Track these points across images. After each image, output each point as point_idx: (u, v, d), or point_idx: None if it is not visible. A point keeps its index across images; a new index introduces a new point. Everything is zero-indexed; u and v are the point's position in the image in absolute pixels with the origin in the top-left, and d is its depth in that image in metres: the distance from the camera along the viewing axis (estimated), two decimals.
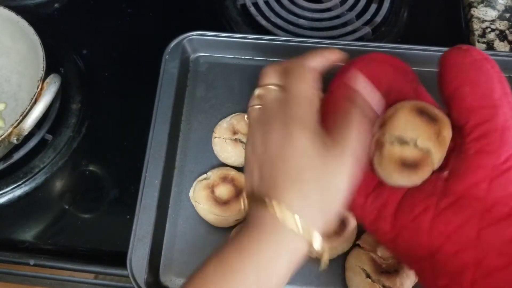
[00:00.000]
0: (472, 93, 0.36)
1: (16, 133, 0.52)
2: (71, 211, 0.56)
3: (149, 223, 0.48)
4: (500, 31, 0.66)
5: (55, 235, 0.54)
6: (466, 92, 0.36)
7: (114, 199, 0.56)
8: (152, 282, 0.47)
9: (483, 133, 0.35)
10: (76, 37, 0.67)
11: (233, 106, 0.57)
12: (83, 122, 0.61)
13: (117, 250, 0.52)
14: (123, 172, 0.58)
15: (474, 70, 0.37)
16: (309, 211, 0.33)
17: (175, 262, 0.49)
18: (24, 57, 0.59)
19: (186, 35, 0.58)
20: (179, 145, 0.55)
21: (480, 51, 0.38)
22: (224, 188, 0.50)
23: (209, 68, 0.59)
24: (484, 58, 0.38)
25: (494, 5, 0.68)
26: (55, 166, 0.58)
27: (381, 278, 0.45)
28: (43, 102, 0.53)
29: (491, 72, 0.37)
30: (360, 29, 0.66)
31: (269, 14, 0.67)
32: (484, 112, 0.35)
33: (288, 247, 0.33)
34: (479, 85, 0.36)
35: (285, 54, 0.59)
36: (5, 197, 0.56)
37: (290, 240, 0.32)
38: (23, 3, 0.69)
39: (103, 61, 0.66)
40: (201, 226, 0.51)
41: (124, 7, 0.70)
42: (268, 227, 0.33)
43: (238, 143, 0.53)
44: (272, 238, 0.32)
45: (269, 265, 0.32)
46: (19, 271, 0.53)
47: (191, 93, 0.58)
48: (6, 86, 0.62)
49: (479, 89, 0.36)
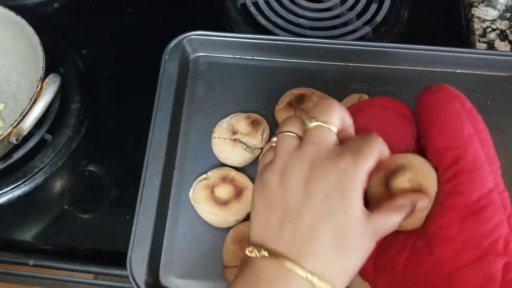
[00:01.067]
0: (441, 134, 0.36)
1: (16, 133, 0.51)
2: (71, 211, 0.55)
3: (149, 223, 0.48)
4: (501, 31, 0.66)
5: (55, 235, 0.54)
6: (435, 133, 0.36)
7: (114, 199, 0.56)
8: (152, 282, 0.47)
9: (453, 175, 0.34)
10: (76, 37, 0.67)
11: (232, 106, 0.57)
12: (82, 122, 0.61)
13: (117, 250, 0.52)
14: (123, 172, 0.58)
15: (442, 110, 0.37)
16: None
17: (175, 262, 0.49)
18: (23, 57, 0.59)
19: (186, 35, 0.58)
20: (179, 145, 0.55)
21: (450, 90, 0.38)
22: (224, 188, 0.50)
23: (208, 68, 0.59)
24: (453, 96, 0.37)
25: (495, 5, 0.67)
26: (54, 166, 0.58)
27: None
28: (43, 102, 0.53)
29: (460, 110, 0.36)
30: (360, 28, 0.66)
31: (269, 13, 0.67)
32: (452, 153, 0.35)
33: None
34: (447, 126, 0.36)
35: (285, 54, 0.59)
36: (5, 197, 0.56)
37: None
38: (23, 3, 0.69)
39: (103, 61, 0.66)
40: (201, 226, 0.51)
41: (124, 7, 0.70)
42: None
43: (238, 143, 0.53)
44: None
45: None
46: (18, 271, 0.53)
47: (191, 93, 0.58)
48: (5, 86, 0.62)
49: (448, 129, 0.36)
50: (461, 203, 0.34)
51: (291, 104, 0.54)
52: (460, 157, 0.35)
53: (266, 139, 0.54)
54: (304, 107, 0.54)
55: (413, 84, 0.57)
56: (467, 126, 0.36)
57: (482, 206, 0.33)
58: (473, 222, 0.33)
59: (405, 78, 0.58)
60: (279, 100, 0.56)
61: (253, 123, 0.54)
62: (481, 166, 0.34)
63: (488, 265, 0.32)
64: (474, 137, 0.35)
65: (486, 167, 0.35)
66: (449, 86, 0.39)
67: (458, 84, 0.57)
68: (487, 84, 0.57)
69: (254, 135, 0.53)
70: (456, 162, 0.35)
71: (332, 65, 0.59)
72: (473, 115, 0.37)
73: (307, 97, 0.55)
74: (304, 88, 0.56)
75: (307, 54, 0.58)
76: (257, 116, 0.55)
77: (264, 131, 0.54)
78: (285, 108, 0.54)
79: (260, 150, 0.53)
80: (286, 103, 0.55)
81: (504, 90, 0.57)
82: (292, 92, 0.56)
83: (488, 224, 0.33)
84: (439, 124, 0.36)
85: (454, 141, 0.35)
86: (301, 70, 0.59)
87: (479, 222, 0.33)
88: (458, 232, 0.33)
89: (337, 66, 0.59)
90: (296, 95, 0.55)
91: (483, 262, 0.32)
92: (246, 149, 0.53)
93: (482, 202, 0.33)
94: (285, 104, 0.55)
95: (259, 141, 0.53)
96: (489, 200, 0.33)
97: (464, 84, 0.57)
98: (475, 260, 0.32)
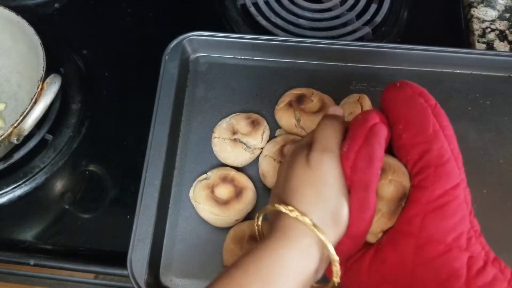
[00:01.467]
0: (406, 131, 0.36)
1: (16, 133, 0.52)
2: (71, 211, 0.56)
3: (149, 223, 0.48)
4: (500, 31, 0.66)
5: (55, 235, 0.54)
6: (400, 130, 0.37)
7: (114, 199, 0.56)
8: (152, 282, 0.47)
9: (419, 170, 0.35)
10: (76, 37, 0.67)
11: (232, 106, 0.57)
12: (83, 122, 0.61)
13: (117, 250, 0.52)
14: (123, 172, 0.58)
15: (406, 107, 0.37)
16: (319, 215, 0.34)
17: (175, 262, 0.49)
18: (24, 57, 0.59)
19: (186, 35, 0.58)
20: (179, 145, 0.55)
21: (414, 87, 0.38)
22: (224, 188, 0.50)
23: (209, 68, 0.60)
24: (418, 93, 0.38)
25: (494, 5, 0.68)
26: (55, 166, 0.58)
27: None
28: (43, 102, 0.53)
29: (425, 106, 0.37)
30: (360, 29, 0.66)
31: (269, 14, 0.67)
32: (418, 149, 0.35)
33: (300, 246, 0.33)
34: (412, 122, 0.36)
35: (285, 54, 0.59)
36: (5, 197, 0.56)
37: (304, 238, 0.33)
38: (23, 3, 0.69)
39: (103, 61, 0.66)
40: (201, 226, 0.51)
41: (125, 7, 0.70)
42: (285, 229, 0.34)
43: (238, 143, 0.53)
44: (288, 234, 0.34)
45: (283, 261, 0.33)
46: (19, 271, 0.54)
47: (191, 93, 0.58)
48: (6, 86, 0.62)
49: (413, 126, 0.36)
50: (425, 198, 0.34)
51: (291, 104, 0.54)
52: (426, 152, 0.35)
53: (266, 139, 0.54)
54: (304, 107, 0.54)
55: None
56: (433, 122, 0.36)
57: (447, 201, 0.33)
58: (436, 216, 0.33)
59: (404, 78, 0.56)
60: (279, 100, 0.56)
61: (253, 123, 0.54)
62: (447, 161, 0.35)
63: (453, 260, 0.32)
64: (439, 132, 0.36)
65: (452, 162, 0.35)
66: (413, 83, 0.39)
67: (457, 84, 0.57)
68: (487, 84, 0.57)
69: (254, 135, 0.53)
70: (421, 158, 0.35)
71: (332, 65, 0.59)
72: (438, 111, 0.37)
73: (307, 97, 0.55)
74: (304, 88, 0.56)
75: (307, 54, 0.59)
76: (257, 116, 0.55)
77: (264, 131, 0.54)
78: (285, 108, 0.55)
79: (260, 150, 0.54)
80: (286, 103, 0.55)
81: (503, 90, 0.57)
82: (292, 92, 0.56)
83: (452, 219, 0.33)
84: (404, 120, 0.37)
85: (420, 137, 0.36)
86: (301, 70, 0.59)
87: (443, 216, 0.33)
88: (421, 227, 0.33)
89: (337, 66, 0.59)
90: (296, 95, 0.55)
91: (447, 257, 0.32)
92: (246, 149, 0.53)
93: (447, 197, 0.33)
94: (285, 104, 0.55)
95: (259, 141, 0.53)
96: (454, 196, 0.34)
97: (464, 84, 0.57)
98: (438, 255, 0.32)
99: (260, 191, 0.52)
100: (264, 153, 0.53)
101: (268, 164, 0.52)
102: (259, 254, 0.33)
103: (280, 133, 0.55)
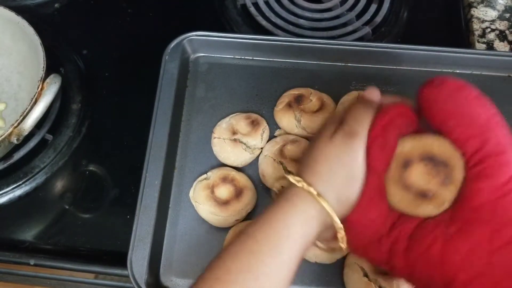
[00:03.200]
0: (457, 126, 0.36)
1: (17, 133, 0.52)
2: (71, 211, 0.56)
3: (149, 223, 0.48)
4: (500, 31, 0.66)
5: (55, 235, 0.54)
6: (451, 126, 0.37)
7: (114, 199, 0.56)
8: (153, 282, 0.47)
9: (479, 160, 0.35)
10: (76, 37, 0.67)
11: (232, 106, 0.57)
12: (83, 122, 0.61)
13: (117, 250, 0.52)
14: (123, 172, 0.58)
15: (451, 103, 0.37)
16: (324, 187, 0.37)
17: (175, 262, 0.49)
18: (24, 57, 0.59)
19: (186, 35, 0.58)
20: (179, 145, 0.55)
21: (453, 81, 0.38)
22: (224, 188, 0.50)
23: (209, 68, 0.60)
24: (458, 87, 0.38)
25: (494, 5, 0.68)
26: (55, 166, 0.58)
27: (378, 279, 0.45)
28: (44, 102, 0.53)
29: (469, 99, 0.37)
30: (360, 29, 0.66)
31: (269, 14, 0.67)
32: (474, 142, 0.35)
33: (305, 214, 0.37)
34: (461, 117, 0.36)
35: (285, 54, 0.59)
36: (6, 197, 0.56)
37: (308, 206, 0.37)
38: (23, 3, 0.69)
39: (103, 61, 0.66)
40: (201, 226, 0.51)
41: (124, 7, 0.70)
42: (291, 196, 0.38)
43: (238, 143, 0.53)
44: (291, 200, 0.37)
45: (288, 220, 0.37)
46: (19, 271, 0.54)
47: (191, 94, 0.58)
48: (6, 86, 0.62)
49: (463, 120, 0.36)
50: (490, 186, 0.34)
51: (290, 105, 0.54)
52: (484, 143, 0.35)
53: (265, 139, 0.54)
54: (304, 107, 0.54)
55: (413, 84, 0.55)
56: (481, 112, 0.36)
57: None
58: (507, 202, 0.34)
59: (404, 78, 0.58)
60: (278, 102, 0.56)
61: (253, 123, 0.54)
62: (505, 148, 0.35)
63: None
64: (490, 121, 0.36)
65: (509, 147, 0.35)
66: (449, 77, 0.39)
67: None
68: (486, 84, 0.57)
69: (254, 135, 0.53)
70: (479, 149, 0.35)
71: (331, 65, 0.59)
72: (482, 102, 0.37)
73: (305, 97, 0.55)
74: (302, 88, 0.56)
75: (307, 54, 0.59)
76: (257, 116, 0.55)
77: (264, 131, 0.54)
78: (284, 110, 0.55)
79: (260, 150, 0.54)
80: (285, 104, 0.55)
81: (503, 90, 0.57)
82: (290, 93, 0.56)
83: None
84: (453, 117, 0.37)
85: (472, 130, 0.36)
86: (300, 70, 0.59)
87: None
88: (493, 214, 0.34)
89: (337, 66, 0.59)
90: (294, 96, 0.55)
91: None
92: (246, 149, 0.53)
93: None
94: (284, 106, 0.55)
95: (259, 141, 0.53)
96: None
97: None
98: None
99: (260, 191, 0.52)
100: (264, 153, 0.53)
101: (268, 164, 0.52)
102: (268, 221, 0.37)
103: (280, 133, 0.55)
